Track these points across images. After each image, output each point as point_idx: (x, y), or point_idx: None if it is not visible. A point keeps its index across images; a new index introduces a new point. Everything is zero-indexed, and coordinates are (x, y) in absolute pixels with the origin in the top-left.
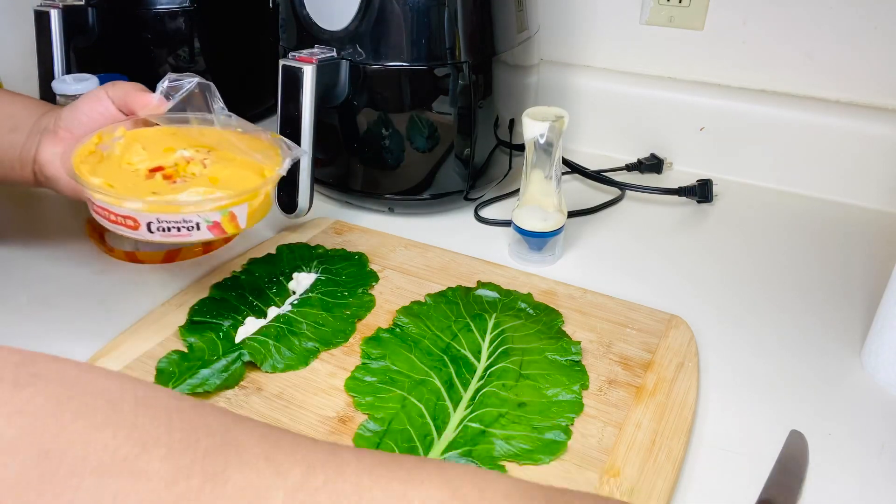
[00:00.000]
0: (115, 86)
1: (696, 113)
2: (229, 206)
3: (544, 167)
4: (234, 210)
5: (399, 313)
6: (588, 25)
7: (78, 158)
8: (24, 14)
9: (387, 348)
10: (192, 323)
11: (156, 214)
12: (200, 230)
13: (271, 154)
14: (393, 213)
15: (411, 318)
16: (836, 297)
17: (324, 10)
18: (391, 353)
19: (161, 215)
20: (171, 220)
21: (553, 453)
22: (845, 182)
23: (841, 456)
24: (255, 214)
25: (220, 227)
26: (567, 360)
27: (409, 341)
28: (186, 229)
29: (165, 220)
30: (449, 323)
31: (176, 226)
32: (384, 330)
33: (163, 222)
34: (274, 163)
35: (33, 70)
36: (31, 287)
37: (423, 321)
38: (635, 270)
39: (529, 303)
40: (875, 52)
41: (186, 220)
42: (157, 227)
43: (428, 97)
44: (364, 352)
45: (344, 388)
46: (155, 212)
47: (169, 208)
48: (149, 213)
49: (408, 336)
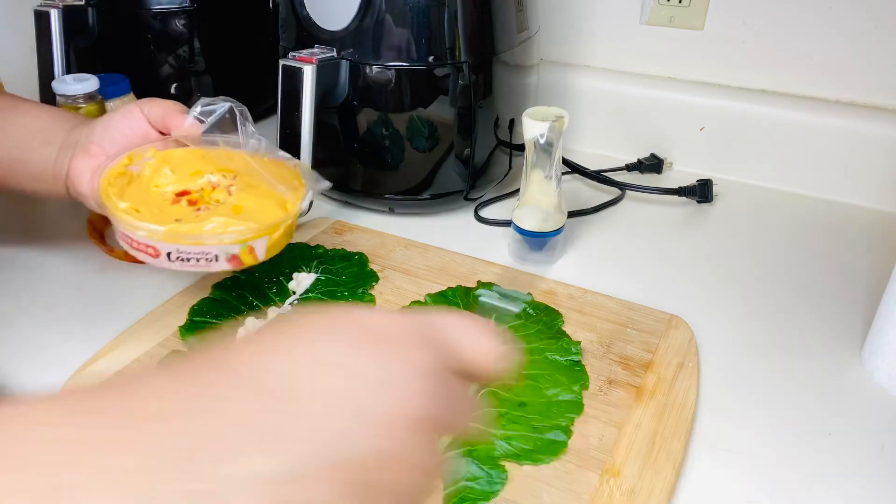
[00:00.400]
0: (151, 103)
1: (696, 113)
2: (249, 240)
3: (544, 167)
4: (253, 243)
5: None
6: (588, 25)
7: (107, 181)
8: (24, 14)
9: None
10: (192, 323)
11: (176, 245)
12: (219, 262)
13: (295, 184)
14: (393, 213)
15: None
16: (836, 296)
17: (324, 10)
18: None
19: (182, 246)
20: (191, 252)
21: (553, 453)
22: (845, 182)
23: (841, 456)
24: (273, 247)
25: (238, 260)
26: (567, 360)
27: None
28: (206, 260)
29: (185, 251)
30: None
31: (195, 256)
32: None
33: (182, 252)
34: (297, 194)
35: (33, 70)
36: (31, 287)
37: None
38: (635, 270)
39: (529, 303)
40: (875, 52)
41: (206, 251)
42: (176, 256)
43: (428, 97)
44: None
45: None
46: (176, 242)
47: (191, 241)
48: (170, 243)
49: None
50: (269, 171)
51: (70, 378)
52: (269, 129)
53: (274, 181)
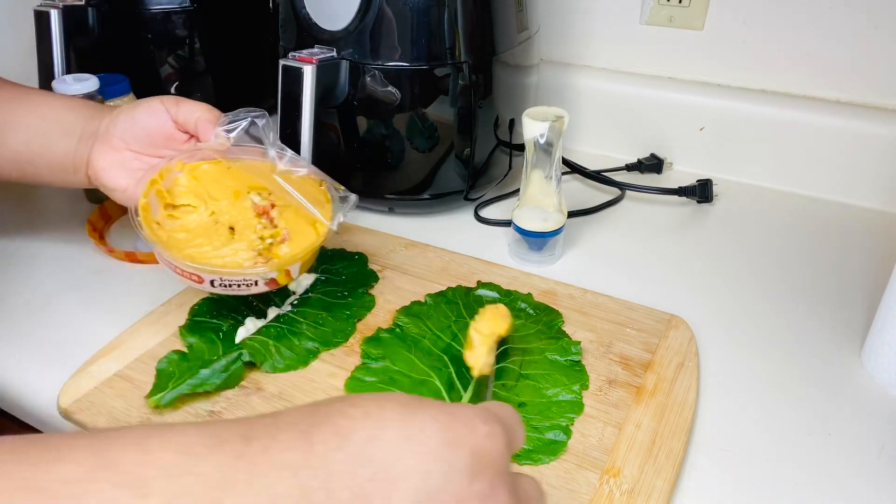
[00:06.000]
0: (182, 104)
1: (696, 113)
2: (286, 265)
3: (544, 167)
4: (289, 267)
5: (399, 313)
6: (588, 25)
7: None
8: (24, 14)
9: (387, 348)
10: (193, 323)
11: (219, 274)
12: (258, 286)
13: (321, 199)
14: (393, 213)
15: (411, 318)
16: (836, 297)
17: (324, 10)
18: (391, 353)
19: (224, 276)
20: (233, 279)
21: (553, 453)
22: (845, 182)
23: (841, 456)
24: (305, 265)
25: (275, 282)
26: (567, 360)
27: (409, 341)
28: (246, 286)
29: (227, 280)
30: (449, 323)
31: (236, 283)
32: (384, 330)
33: (225, 280)
34: (324, 210)
35: (33, 70)
36: (31, 287)
37: (423, 321)
38: (635, 270)
39: (529, 303)
40: (875, 52)
41: (247, 278)
42: (219, 283)
43: (428, 97)
44: (364, 352)
45: (344, 389)
46: (219, 274)
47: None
48: (213, 273)
49: (408, 336)
50: (297, 187)
51: (70, 378)
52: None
53: (303, 199)
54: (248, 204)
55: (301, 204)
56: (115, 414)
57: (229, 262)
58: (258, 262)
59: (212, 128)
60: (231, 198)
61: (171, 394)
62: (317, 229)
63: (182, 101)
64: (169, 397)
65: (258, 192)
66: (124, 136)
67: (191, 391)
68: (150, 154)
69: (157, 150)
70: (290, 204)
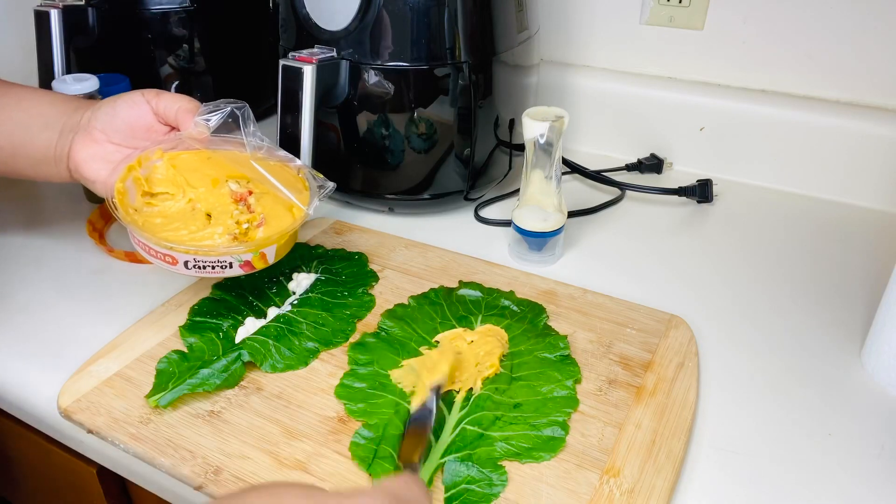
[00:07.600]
0: (162, 97)
1: (696, 113)
2: (261, 247)
3: (544, 167)
4: (264, 250)
5: (384, 317)
6: (588, 25)
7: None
8: (24, 14)
9: (374, 353)
10: (192, 323)
11: (193, 255)
12: (233, 268)
13: (299, 187)
14: (393, 213)
15: (395, 321)
16: (836, 297)
17: (324, 10)
18: (379, 357)
19: (198, 256)
20: (207, 260)
21: (553, 450)
22: (845, 182)
23: (841, 456)
24: (281, 250)
25: (250, 265)
26: (557, 356)
27: (395, 344)
28: (220, 267)
29: (202, 260)
30: (434, 325)
31: (211, 264)
32: (369, 334)
33: (199, 261)
34: (302, 197)
35: (33, 70)
36: (31, 286)
37: (407, 324)
38: (635, 270)
39: (513, 300)
40: (875, 52)
41: (221, 260)
42: (193, 264)
43: (428, 97)
44: (351, 357)
45: (334, 396)
46: (193, 253)
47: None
48: (187, 253)
49: (394, 339)
50: (275, 175)
51: (70, 378)
52: (270, 129)
53: (280, 186)
54: (225, 191)
55: (279, 190)
56: (115, 414)
57: (206, 244)
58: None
59: (191, 117)
60: (209, 186)
61: (171, 394)
62: (294, 214)
63: (163, 94)
64: (169, 397)
65: (237, 181)
66: (105, 128)
67: (191, 391)
68: (131, 146)
69: (138, 142)
70: (268, 191)
